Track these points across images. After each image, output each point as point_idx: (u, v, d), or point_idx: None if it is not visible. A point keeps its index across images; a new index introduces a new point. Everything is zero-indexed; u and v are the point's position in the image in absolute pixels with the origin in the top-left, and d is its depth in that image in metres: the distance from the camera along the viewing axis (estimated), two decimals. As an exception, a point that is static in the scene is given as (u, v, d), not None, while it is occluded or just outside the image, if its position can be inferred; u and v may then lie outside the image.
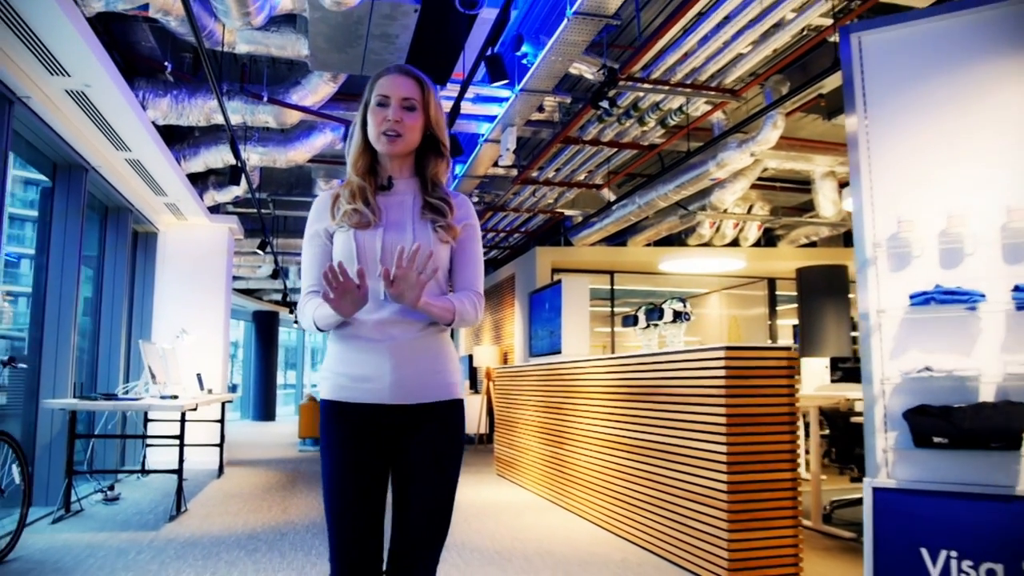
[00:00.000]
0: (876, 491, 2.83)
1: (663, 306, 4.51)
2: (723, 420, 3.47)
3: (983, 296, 2.72)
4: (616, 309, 11.24)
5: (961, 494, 2.68)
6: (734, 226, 9.72)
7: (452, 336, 2.10)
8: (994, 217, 2.76)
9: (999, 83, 2.86)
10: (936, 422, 2.68)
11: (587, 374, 5.12)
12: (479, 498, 6.05)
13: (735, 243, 10.12)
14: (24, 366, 4.74)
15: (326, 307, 1.60)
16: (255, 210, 8.31)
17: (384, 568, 1.69)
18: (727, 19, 4.62)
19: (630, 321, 4.97)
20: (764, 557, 3.48)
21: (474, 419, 10.76)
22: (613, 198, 8.25)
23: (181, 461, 5.26)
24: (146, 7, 4.04)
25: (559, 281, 6.52)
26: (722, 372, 3.49)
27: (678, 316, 4.42)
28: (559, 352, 6.47)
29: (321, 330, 1.69)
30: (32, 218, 5.55)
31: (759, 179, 8.23)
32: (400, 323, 1.66)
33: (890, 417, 2.85)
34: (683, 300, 4.53)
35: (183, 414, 5.29)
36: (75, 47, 4.01)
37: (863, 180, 3.00)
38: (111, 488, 5.91)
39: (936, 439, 2.67)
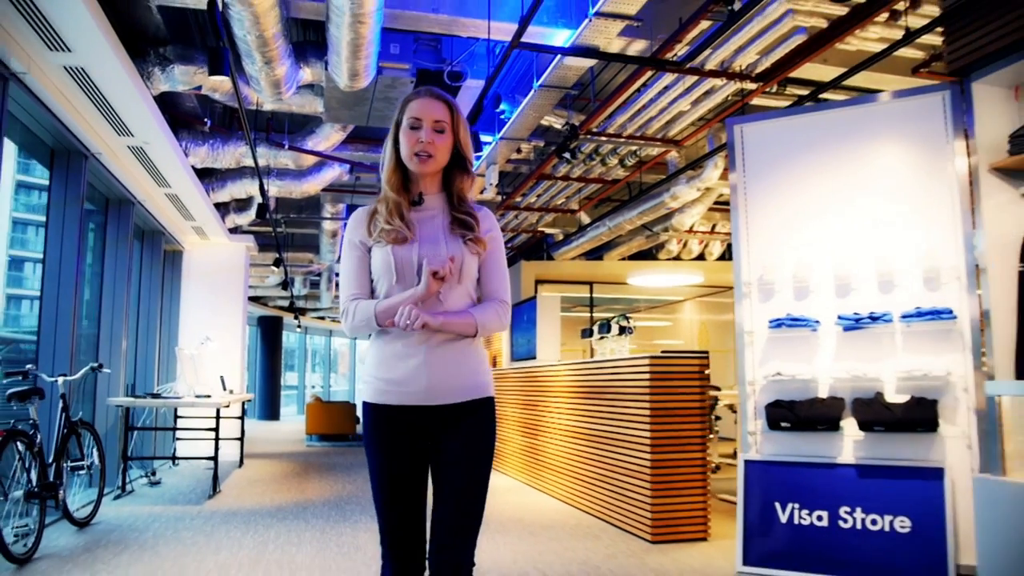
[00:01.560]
0: (747, 462, 3.88)
1: (611, 322, 5.57)
2: (647, 412, 4.52)
3: (818, 322, 3.78)
4: (596, 314, 12.30)
5: (801, 463, 3.74)
6: (699, 242, 10.79)
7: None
8: (828, 266, 3.83)
9: (840, 167, 3.92)
10: (784, 412, 3.74)
11: (554, 377, 6.18)
12: (466, 482, 7.09)
13: (701, 257, 11.19)
14: (108, 371, 5.78)
15: (391, 302, 1.78)
16: (270, 229, 9.34)
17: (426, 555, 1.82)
18: (667, 88, 5.67)
19: (587, 333, 6.03)
20: (679, 519, 4.53)
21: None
22: (588, 221, 9.32)
23: (217, 450, 6.31)
24: (200, 88, 5.09)
25: (534, 297, 7.57)
26: (647, 375, 4.55)
27: (623, 330, 5.47)
28: (534, 358, 7.52)
29: (380, 326, 1.81)
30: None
31: (720, 201, 9.27)
32: (434, 332, 1.80)
33: (758, 409, 3.91)
34: (627, 317, 5.58)
35: (218, 410, 6.34)
36: (142, 115, 5.04)
37: (741, 237, 4.06)
38: (153, 473, 6.95)
39: (783, 424, 3.73)
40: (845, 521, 3.60)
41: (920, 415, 3.47)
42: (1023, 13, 3.29)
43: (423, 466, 1.84)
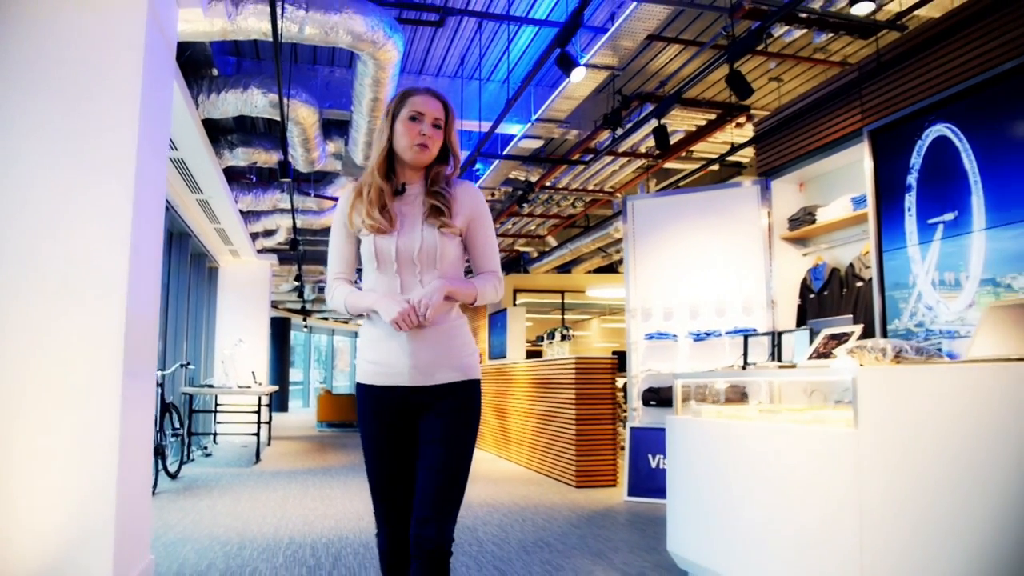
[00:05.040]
0: (632, 429, 5.81)
1: (556, 331, 7.51)
2: (574, 397, 6.45)
3: (676, 336, 5.71)
4: (567, 317, 14.23)
5: (663, 428, 5.67)
6: (652, 259, 12.74)
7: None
8: (685, 297, 5.76)
9: (698, 230, 5.84)
10: (652, 395, 5.67)
11: (516, 372, 8.11)
12: (451, 455, 9.03)
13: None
14: (193, 367, 7.70)
15: (358, 299, 1.91)
16: (291, 249, 11.26)
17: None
18: (597, 157, 7.59)
19: (541, 339, 7.97)
20: (595, 471, 6.46)
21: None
22: (554, 243, 11.25)
23: (259, 427, 8.22)
24: (255, 163, 7.00)
25: (505, 309, 9.51)
26: (573, 370, 6.47)
27: (563, 337, 7.39)
28: (505, 357, 9.41)
29: (350, 313, 1.94)
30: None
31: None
32: None
33: (639, 392, 5.84)
34: (567, 327, 7.51)
35: (259, 398, 8.26)
36: (212, 181, 6.95)
37: (630, 275, 5.99)
38: (205, 447, 8.87)
39: (651, 402, 5.66)
40: (690, 465, 5.51)
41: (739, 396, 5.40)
42: (803, 137, 5.22)
43: (411, 442, 1.92)
